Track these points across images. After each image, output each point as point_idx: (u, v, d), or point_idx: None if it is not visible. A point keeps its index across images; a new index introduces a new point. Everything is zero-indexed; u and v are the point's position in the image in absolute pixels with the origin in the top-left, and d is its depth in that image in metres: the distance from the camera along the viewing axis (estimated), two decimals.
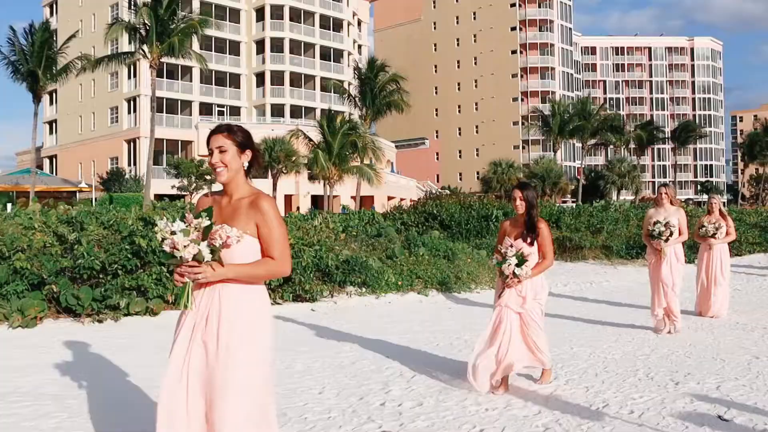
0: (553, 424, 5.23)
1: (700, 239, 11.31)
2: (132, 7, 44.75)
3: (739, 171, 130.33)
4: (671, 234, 9.19)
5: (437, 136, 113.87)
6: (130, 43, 46.42)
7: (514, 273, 6.09)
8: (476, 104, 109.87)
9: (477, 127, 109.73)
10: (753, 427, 5.17)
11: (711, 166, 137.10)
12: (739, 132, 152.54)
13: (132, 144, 65.16)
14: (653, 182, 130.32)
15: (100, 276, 10.48)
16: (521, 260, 6.09)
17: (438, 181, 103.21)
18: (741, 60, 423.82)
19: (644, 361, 7.52)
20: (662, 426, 5.19)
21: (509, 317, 6.29)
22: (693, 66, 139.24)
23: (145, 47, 41.53)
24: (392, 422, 5.26)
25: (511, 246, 6.16)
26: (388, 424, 5.23)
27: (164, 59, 43.63)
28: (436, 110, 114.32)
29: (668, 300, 9.26)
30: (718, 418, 5.39)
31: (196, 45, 50.30)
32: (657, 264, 9.45)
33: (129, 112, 66.12)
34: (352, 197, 54.83)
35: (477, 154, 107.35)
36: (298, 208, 57.50)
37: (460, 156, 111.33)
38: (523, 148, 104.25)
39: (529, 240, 6.27)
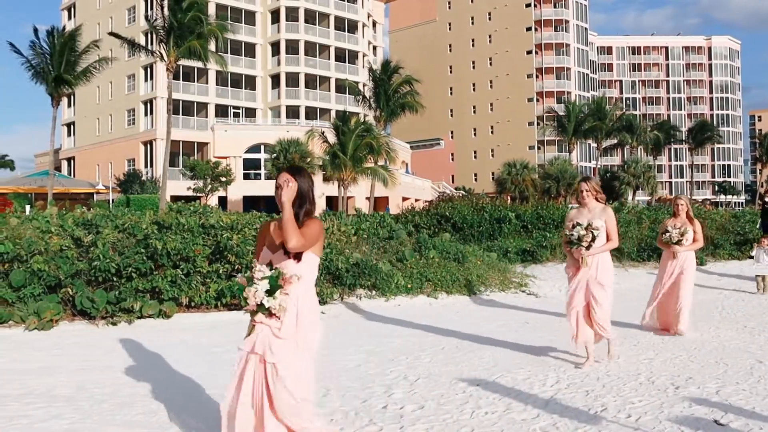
0: (550, 427, 5.34)
1: (664, 246, 9.95)
2: (150, 9, 45.14)
3: (758, 171, 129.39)
4: (593, 239, 7.45)
5: (452, 137, 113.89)
6: (148, 45, 46.82)
7: (260, 305, 4.12)
8: (491, 105, 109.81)
9: (492, 127, 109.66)
10: (748, 431, 5.25)
11: (729, 166, 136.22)
12: (757, 131, 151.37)
13: (149, 146, 65.64)
14: (670, 182, 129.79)
15: (115, 279, 10.68)
16: (275, 285, 4.09)
17: (453, 182, 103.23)
18: (759, 58, 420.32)
19: (647, 364, 7.60)
20: (658, 430, 5.29)
21: (258, 371, 4.28)
22: (710, 65, 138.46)
23: (162, 50, 41.90)
24: (393, 425, 5.39)
25: (270, 264, 4.22)
26: (389, 426, 5.36)
27: (181, 62, 43.99)
28: (451, 111, 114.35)
29: (597, 320, 7.57)
30: (714, 422, 5.47)
31: (212, 47, 50.58)
32: (577, 276, 7.70)
33: (146, 114, 66.65)
34: (366, 198, 55.01)
35: (492, 155, 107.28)
36: None
37: (475, 156, 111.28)
38: (539, 148, 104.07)
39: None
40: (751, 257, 17.39)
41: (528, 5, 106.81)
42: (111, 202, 46.51)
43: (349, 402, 6.05)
